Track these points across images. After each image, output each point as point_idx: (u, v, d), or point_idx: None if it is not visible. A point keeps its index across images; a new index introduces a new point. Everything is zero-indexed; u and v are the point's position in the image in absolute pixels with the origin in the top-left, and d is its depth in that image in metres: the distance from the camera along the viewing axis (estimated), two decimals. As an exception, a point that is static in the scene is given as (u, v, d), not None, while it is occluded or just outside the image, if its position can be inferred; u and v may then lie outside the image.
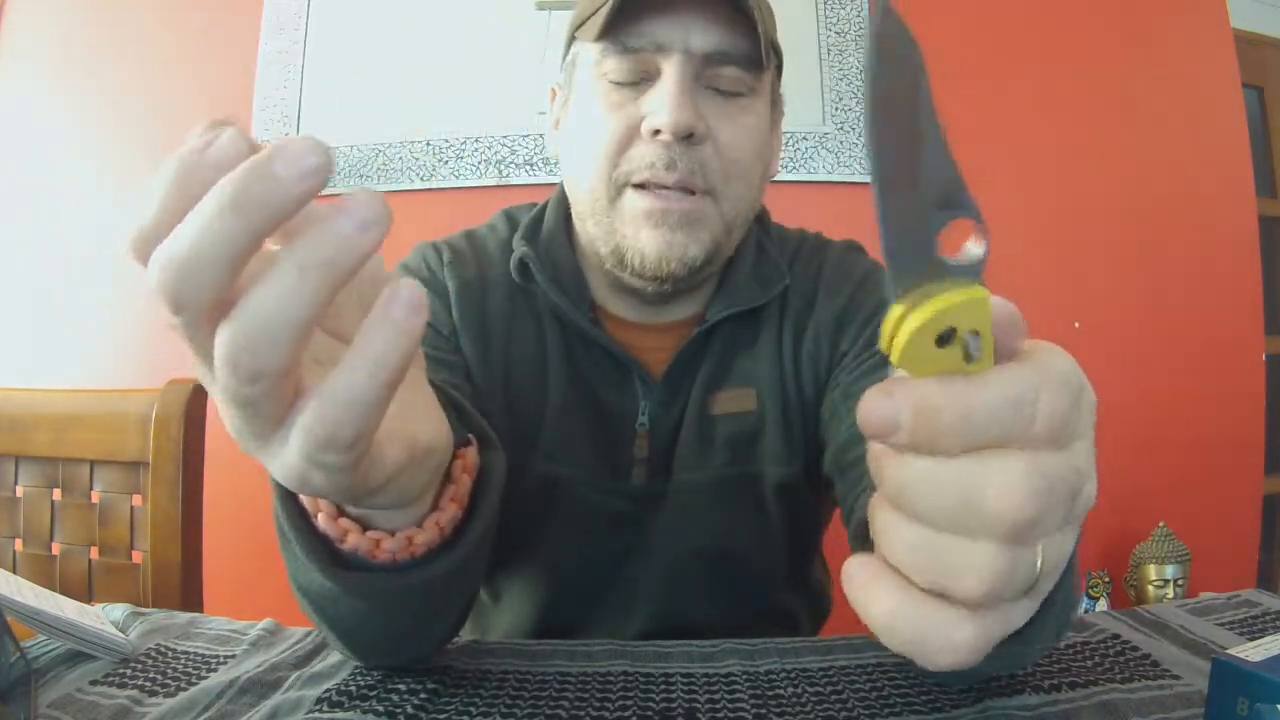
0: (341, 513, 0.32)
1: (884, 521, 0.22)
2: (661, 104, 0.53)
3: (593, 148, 0.56)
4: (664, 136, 0.53)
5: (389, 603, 0.36)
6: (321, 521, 0.32)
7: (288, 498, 0.33)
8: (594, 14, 0.55)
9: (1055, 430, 0.20)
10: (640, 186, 0.55)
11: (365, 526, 0.33)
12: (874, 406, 0.21)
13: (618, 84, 0.56)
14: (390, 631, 0.42)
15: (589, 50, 0.57)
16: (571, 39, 0.61)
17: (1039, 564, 0.21)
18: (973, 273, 0.20)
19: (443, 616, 0.44)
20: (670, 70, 0.54)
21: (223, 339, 0.20)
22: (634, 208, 0.55)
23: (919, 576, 0.21)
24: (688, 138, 0.53)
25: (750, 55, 0.55)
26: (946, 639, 0.21)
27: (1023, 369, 0.21)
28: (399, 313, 0.21)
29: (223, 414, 0.23)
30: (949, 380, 0.20)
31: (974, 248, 0.21)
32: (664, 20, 0.54)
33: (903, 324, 0.20)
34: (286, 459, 0.23)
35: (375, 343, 0.21)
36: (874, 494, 0.22)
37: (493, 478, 0.37)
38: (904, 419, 0.20)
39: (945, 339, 0.20)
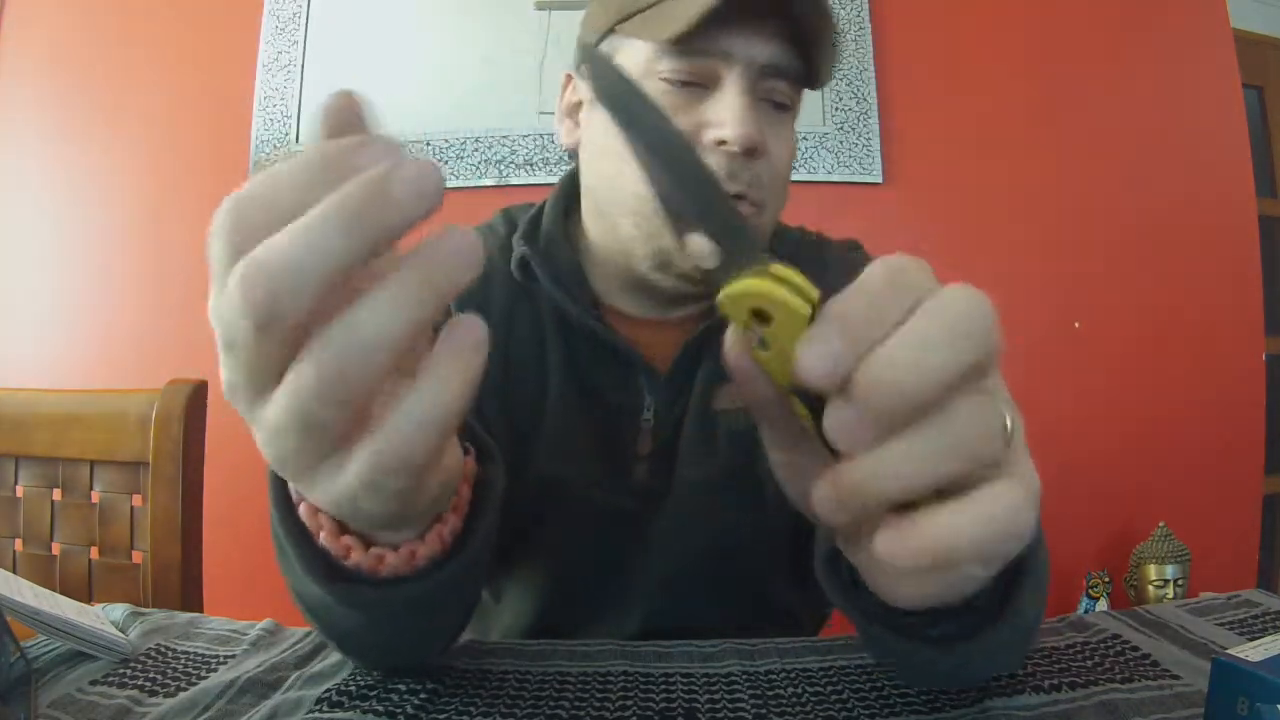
0: (343, 530, 0.32)
1: None
2: (730, 116, 0.52)
3: None
4: (730, 148, 0.52)
5: (389, 613, 0.36)
6: (324, 539, 0.32)
7: (287, 513, 0.32)
8: (649, 8, 0.53)
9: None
10: None
11: (366, 542, 0.32)
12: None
13: (675, 87, 0.54)
14: (389, 639, 0.42)
15: (637, 47, 0.55)
16: (607, 30, 0.57)
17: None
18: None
19: (443, 624, 0.44)
20: (734, 81, 0.53)
21: (318, 359, 0.20)
22: None
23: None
24: (749, 151, 0.53)
25: (801, 71, 0.55)
26: None
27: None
28: (467, 341, 0.22)
29: (272, 439, 0.23)
30: None
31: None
32: (732, 29, 0.52)
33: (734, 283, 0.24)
34: (341, 482, 0.23)
35: (445, 370, 0.22)
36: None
37: (492, 489, 0.37)
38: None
39: (763, 317, 0.24)
